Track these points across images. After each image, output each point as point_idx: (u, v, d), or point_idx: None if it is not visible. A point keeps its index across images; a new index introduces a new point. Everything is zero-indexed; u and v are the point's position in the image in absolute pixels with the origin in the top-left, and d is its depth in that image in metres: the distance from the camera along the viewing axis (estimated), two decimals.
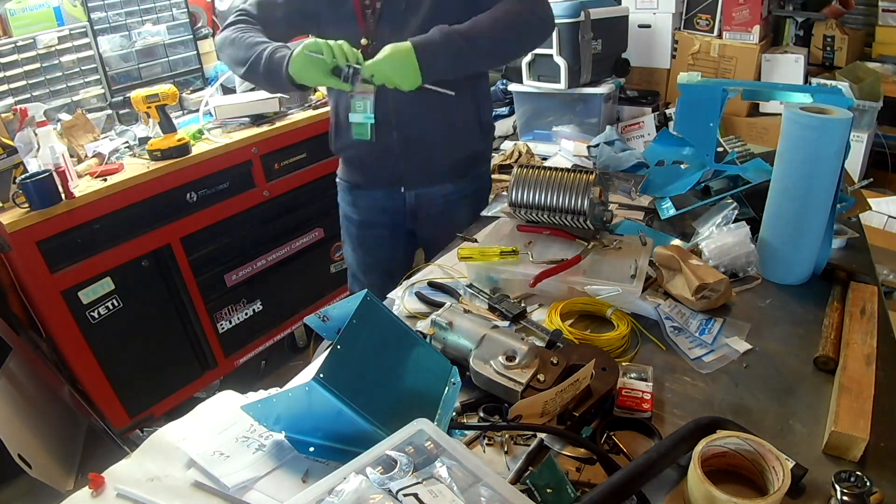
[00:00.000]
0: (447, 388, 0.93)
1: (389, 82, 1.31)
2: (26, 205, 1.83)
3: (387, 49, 1.29)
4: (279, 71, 1.34)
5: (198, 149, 2.18)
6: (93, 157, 2.14)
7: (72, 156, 2.10)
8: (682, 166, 1.64)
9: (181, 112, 2.55)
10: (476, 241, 1.41)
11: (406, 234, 1.73)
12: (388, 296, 1.28)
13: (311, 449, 0.84)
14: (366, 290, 0.93)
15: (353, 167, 1.66)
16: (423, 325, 1.07)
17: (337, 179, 1.76)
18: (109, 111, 2.44)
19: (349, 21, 1.43)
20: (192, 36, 2.69)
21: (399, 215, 1.67)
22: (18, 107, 2.17)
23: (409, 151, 1.54)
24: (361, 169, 1.63)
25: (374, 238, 1.72)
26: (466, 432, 0.88)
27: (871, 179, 1.78)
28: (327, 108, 1.87)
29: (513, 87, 3.19)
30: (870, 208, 1.48)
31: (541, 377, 0.90)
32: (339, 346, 0.82)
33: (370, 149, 1.53)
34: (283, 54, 1.34)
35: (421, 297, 1.24)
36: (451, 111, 1.50)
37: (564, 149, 2.22)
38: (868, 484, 0.68)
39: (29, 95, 2.31)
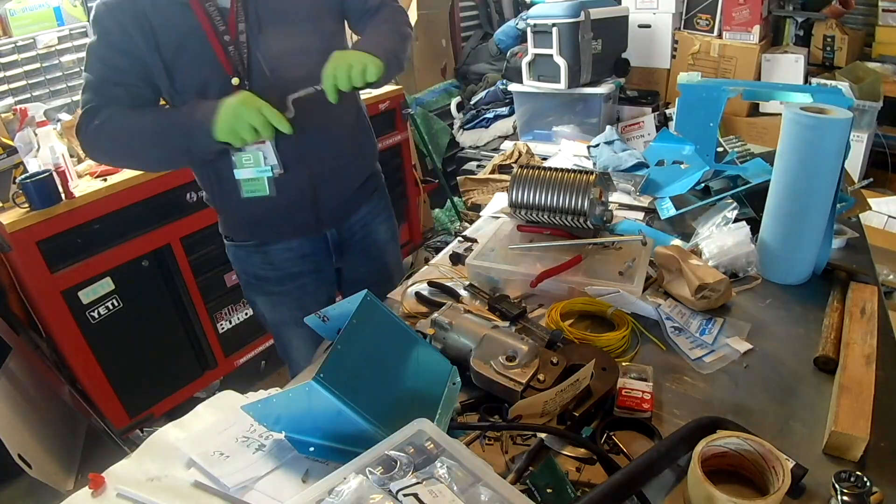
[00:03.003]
0: (447, 389, 0.93)
1: (356, 78, 1.12)
2: (26, 205, 1.83)
3: (335, 58, 1.13)
4: (200, 135, 1.13)
5: None
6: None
7: (72, 156, 2.10)
8: (682, 166, 1.64)
9: None
10: (476, 240, 1.42)
11: (333, 273, 1.54)
12: (388, 296, 1.29)
13: (311, 449, 0.84)
14: (365, 290, 0.93)
15: (254, 225, 1.40)
16: (422, 325, 1.07)
17: (228, 242, 1.46)
18: None
19: (210, 64, 1.17)
20: None
21: (323, 257, 1.47)
22: (18, 107, 2.17)
23: (322, 189, 1.35)
24: (268, 225, 1.38)
25: (298, 289, 1.47)
26: (466, 432, 0.88)
27: (871, 179, 1.78)
28: None
29: (513, 87, 3.19)
30: (870, 208, 1.48)
31: (541, 377, 0.90)
32: (339, 346, 0.82)
33: (274, 202, 1.29)
34: (201, 118, 1.12)
35: (421, 297, 1.24)
36: (353, 132, 1.39)
37: (564, 149, 2.22)
38: (868, 484, 0.68)
39: (29, 95, 2.31)
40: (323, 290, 1.52)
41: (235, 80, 1.17)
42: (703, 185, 1.55)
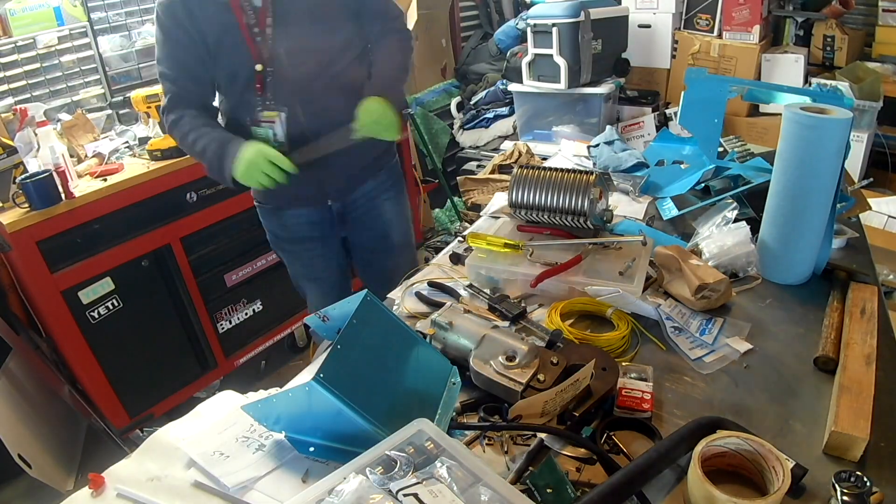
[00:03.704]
0: (447, 389, 0.93)
1: (377, 135, 1.39)
2: (26, 205, 1.83)
3: (370, 108, 1.37)
4: (225, 174, 1.38)
5: None
6: (93, 157, 2.14)
7: (72, 156, 2.10)
8: (682, 166, 1.65)
9: None
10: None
11: (338, 242, 1.74)
12: (388, 296, 1.29)
13: (311, 449, 0.85)
14: (365, 290, 0.93)
15: (269, 193, 1.50)
16: (422, 325, 1.07)
17: (256, 204, 1.71)
18: (109, 111, 2.44)
19: (241, 53, 1.39)
20: None
21: (328, 226, 1.67)
22: (18, 107, 2.17)
23: (328, 163, 1.47)
24: (279, 193, 1.49)
25: (308, 251, 1.71)
26: (466, 432, 0.88)
27: (871, 179, 1.78)
28: None
29: (513, 87, 3.19)
30: (870, 208, 1.48)
31: (541, 377, 0.90)
32: (339, 346, 0.82)
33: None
34: (228, 163, 1.36)
35: (421, 297, 1.24)
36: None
37: (564, 149, 2.22)
38: (868, 484, 0.68)
39: (29, 95, 2.31)
40: (330, 255, 1.73)
41: (259, 66, 1.38)
42: (703, 185, 1.55)
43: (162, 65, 1.43)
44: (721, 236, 1.23)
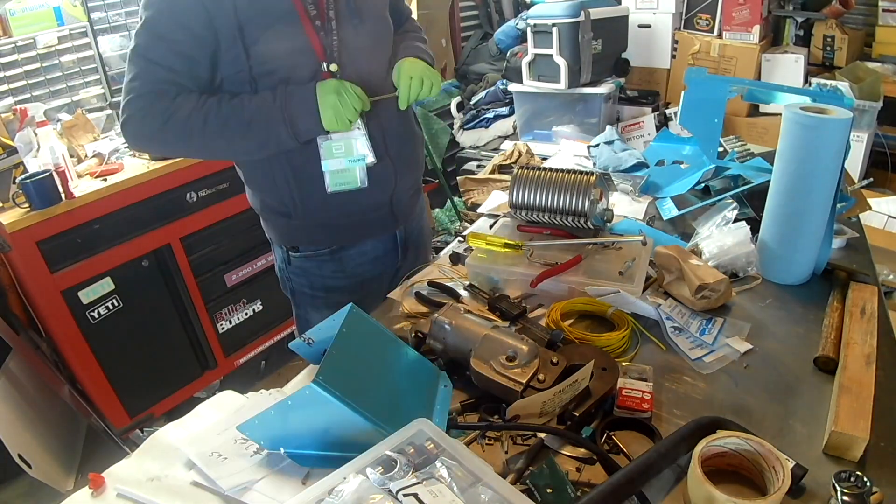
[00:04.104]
0: (439, 391, 0.93)
1: (425, 92, 1.22)
2: (26, 205, 1.83)
3: (410, 66, 1.22)
4: (302, 123, 1.12)
5: None
6: (93, 157, 2.14)
7: (72, 156, 2.10)
8: (682, 166, 1.64)
9: None
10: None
11: (392, 275, 1.46)
12: (388, 296, 1.28)
13: (312, 461, 0.84)
14: (350, 304, 0.93)
15: (330, 229, 1.32)
16: (423, 325, 1.07)
17: (295, 254, 1.37)
18: (109, 111, 2.44)
19: (301, 48, 1.14)
20: None
21: (391, 258, 1.43)
22: (18, 107, 2.17)
23: (400, 182, 1.32)
24: (345, 226, 1.31)
25: (366, 297, 1.31)
26: (466, 432, 0.88)
27: (871, 179, 1.78)
28: None
29: (513, 87, 3.19)
30: (870, 208, 1.48)
31: (541, 377, 0.90)
32: (334, 352, 0.82)
33: (356, 198, 1.25)
34: (300, 108, 1.12)
35: (421, 297, 1.24)
36: (413, 122, 1.39)
37: (564, 149, 2.22)
38: (868, 484, 0.68)
39: (29, 95, 2.31)
40: (384, 293, 1.36)
41: (334, 67, 1.16)
42: (703, 185, 1.55)
43: (153, 48, 1.09)
44: (721, 236, 1.23)
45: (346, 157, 1.21)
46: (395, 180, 1.31)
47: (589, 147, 2.02)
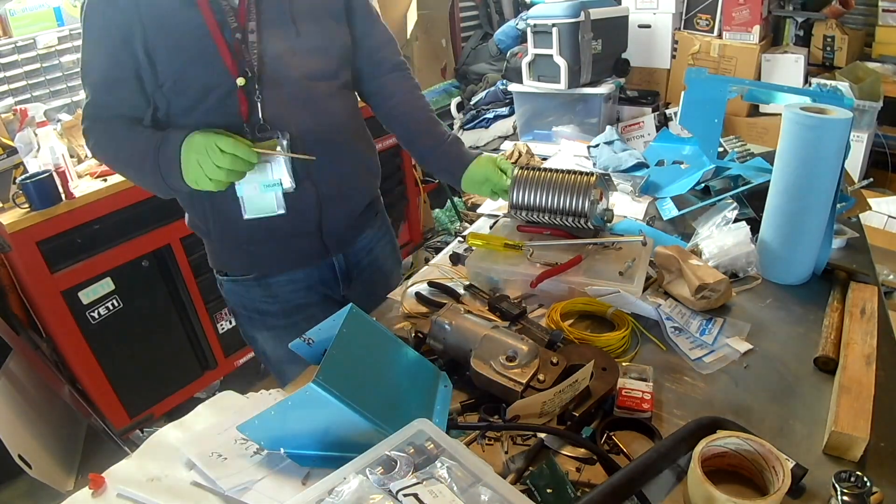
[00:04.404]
0: (439, 391, 0.93)
1: (483, 194, 1.36)
2: (26, 205, 1.83)
3: (484, 167, 1.33)
4: (172, 178, 1.07)
5: None
6: (93, 157, 2.14)
7: (72, 156, 2.10)
8: (682, 166, 1.64)
9: None
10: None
11: (338, 304, 1.33)
12: (388, 296, 1.28)
13: (312, 461, 0.84)
14: (350, 304, 0.93)
15: (254, 255, 1.27)
16: (423, 326, 1.07)
17: (222, 277, 1.35)
18: None
19: (211, 65, 1.08)
20: None
21: (331, 286, 1.37)
22: (18, 107, 2.18)
23: (329, 211, 1.25)
24: (269, 253, 1.26)
25: (306, 321, 1.18)
26: (466, 432, 0.88)
27: (871, 179, 1.78)
28: None
29: (513, 87, 3.19)
30: (870, 208, 1.48)
31: (541, 377, 0.90)
32: (333, 352, 0.82)
33: (278, 224, 1.19)
34: (169, 161, 1.06)
35: (421, 298, 1.24)
36: (360, 151, 1.33)
37: (564, 149, 2.22)
38: (868, 484, 0.68)
39: (29, 95, 2.31)
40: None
41: (241, 81, 1.08)
42: (703, 185, 1.55)
43: (92, 72, 1.10)
44: (721, 236, 1.23)
45: (260, 181, 1.13)
46: (319, 208, 1.23)
47: (589, 147, 2.02)
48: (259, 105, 1.10)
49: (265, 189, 1.13)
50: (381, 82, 1.35)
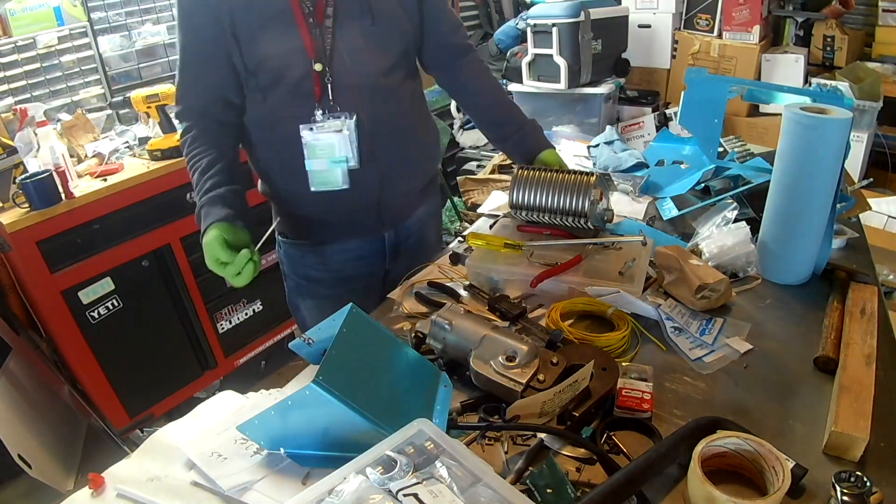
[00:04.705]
0: (439, 391, 0.93)
1: None
2: (26, 205, 1.83)
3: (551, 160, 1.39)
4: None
5: None
6: (93, 157, 2.15)
7: (72, 156, 2.10)
8: (682, 166, 1.64)
9: None
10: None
11: (382, 277, 1.49)
12: (387, 296, 1.28)
13: (312, 461, 0.84)
14: (350, 303, 0.93)
15: (315, 223, 1.36)
16: (422, 325, 1.07)
17: (282, 239, 1.44)
18: (109, 111, 2.45)
19: (293, 47, 1.16)
20: None
21: (377, 260, 1.44)
22: (18, 107, 2.18)
23: (388, 190, 1.31)
24: (329, 223, 1.34)
25: (349, 294, 1.27)
26: (466, 432, 0.88)
27: (871, 179, 1.78)
28: None
29: (513, 87, 3.19)
30: (870, 208, 1.48)
31: (541, 377, 0.90)
32: (333, 351, 0.82)
33: (340, 198, 1.26)
34: (206, 212, 1.23)
35: (421, 298, 1.24)
36: (421, 133, 1.39)
37: (564, 149, 2.22)
38: (868, 484, 0.68)
39: (29, 95, 2.31)
40: (372, 293, 1.42)
41: (318, 66, 1.16)
42: (703, 185, 1.55)
43: (185, 53, 1.21)
44: (721, 236, 1.23)
45: (329, 157, 1.21)
46: (380, 185, 1.29)
47: (589, 147, 2.02)
48: (330, 88, 1.18)
49: (332, 165, 1.21)
50: (455, 70, 1.41)
